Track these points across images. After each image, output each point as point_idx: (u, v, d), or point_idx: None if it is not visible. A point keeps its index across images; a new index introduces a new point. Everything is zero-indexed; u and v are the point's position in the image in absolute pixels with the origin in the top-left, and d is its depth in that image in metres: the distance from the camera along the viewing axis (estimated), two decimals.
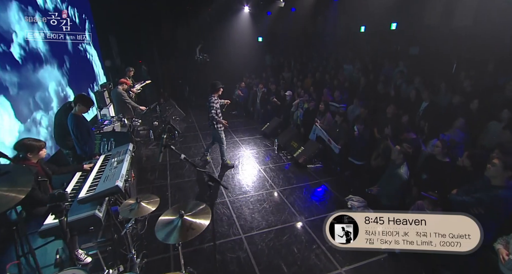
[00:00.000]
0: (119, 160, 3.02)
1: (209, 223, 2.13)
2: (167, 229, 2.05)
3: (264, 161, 5.60)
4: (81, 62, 7.45)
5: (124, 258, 2.87)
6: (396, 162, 3.64)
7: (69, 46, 6.63)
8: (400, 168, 3.57)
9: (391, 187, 3.63)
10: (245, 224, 3.66)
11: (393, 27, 9.02)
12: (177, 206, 2.32)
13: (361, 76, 7.25)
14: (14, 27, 4.13)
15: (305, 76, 9.18)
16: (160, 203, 3.68)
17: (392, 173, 3.63)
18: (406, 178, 3.53)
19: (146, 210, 2.41)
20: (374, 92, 6.76)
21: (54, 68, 5.41)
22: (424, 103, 5.27)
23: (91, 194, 2.38)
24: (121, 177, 2.57)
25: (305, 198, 4.29)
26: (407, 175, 3.55)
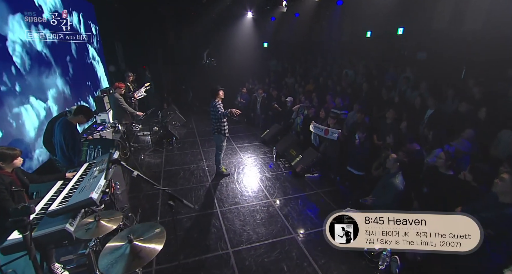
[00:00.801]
0: (100, 169, 2.90)
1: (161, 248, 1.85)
2: (112, 256, 1.73)
3: (261, 169, 5.42)
4: (83, 67, 7.50)
5: None
6: (391, 171, 3.41)
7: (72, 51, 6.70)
8: (395, 177, 3.33)
9: (385, 198, 3.40)
10: (234, 237, 3.47)
11: (400, 32, 8.76)
12: (129, 229, 2.08)
13: (364, 82, 7.04)
14: (15, 32, 4.13)
15: (307, 82, 9.03)
16: (142, 215, 3.54)
17: (387, 182, 3.40)
18: (402, 189, 3.30)
19: (106, 229, 2.16)
20: (377, 99, 6.53)
21: (56, 74, 5.43)
22: (429, 110, 5.02)
23: (63, 206, 2.26)
24: (97, 188, 2.44)
25: (300, 209, 4.08)
26: (402, 185, 3.31)
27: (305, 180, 4.99)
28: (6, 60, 3.95)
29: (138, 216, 3.89)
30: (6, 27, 3.99)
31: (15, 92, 4.10)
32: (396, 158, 3.35)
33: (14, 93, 4.07)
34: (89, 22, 8.90)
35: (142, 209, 4.09)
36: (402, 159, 3.37)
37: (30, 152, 4.17)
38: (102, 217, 2.19)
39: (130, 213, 3.89)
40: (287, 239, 3.44)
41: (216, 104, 4.62)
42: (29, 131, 4.20)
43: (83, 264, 2.95)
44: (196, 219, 3.87)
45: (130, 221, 3.73)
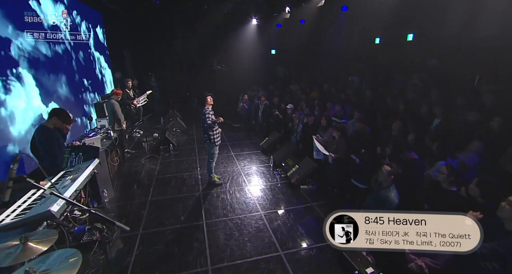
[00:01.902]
0: (73, 177, 2.78)
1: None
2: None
3: (255, 179, 5.20)
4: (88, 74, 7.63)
5: None
6: (383, 185, 3.11)
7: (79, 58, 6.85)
8: (389, 191, 3.04)
9: None
10: (217, 253, 3.25)
11: (410, 38, 8.42)
12: (37, 260, 1.85)
13: (367, 89, 6.75)
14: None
15: (311, 89, 8.81)
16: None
17: (382, 197, 3.10)
18: (397, 203, 3.00)
19: (33, 252, 1.86)
20: (382, 107, 6.23)
21: (60, 80, 5.51)
22: (437, 120, 4.69)
23: (18, 220, 2.11)
24: (59, 201, 2.30)
25: (291, 224, 3.81)
26: (397, 198, 3.01)
27: (300, 191, 4.72)
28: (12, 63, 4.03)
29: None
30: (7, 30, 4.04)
31: (16, 94, 4.18)
32: (390, 171, 3.06)
33: (16, 95, 4.14)
34: (97, 30, 9.12)
35: (127, 218, 3.95)
36: (397, 170, 3.07)
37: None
38: (31, 238, 1.91)
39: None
40: (273, 257, 3.18)
41: (205, 112, 4.45)
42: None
43: None
44: (180, 231, 3.67)
45: (111, 232, 3.59)
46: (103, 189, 4.33)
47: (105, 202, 4.34)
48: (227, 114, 9.83)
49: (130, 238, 3.51)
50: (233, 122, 9.36)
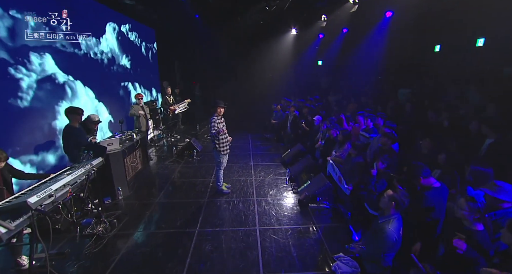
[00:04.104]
0: (70, 172, 3.04)
1: None
2: None
3: (264, 192, 4.96)
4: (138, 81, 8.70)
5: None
6: (385, 213, 2.58)
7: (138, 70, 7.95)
8: (389, 222, 2.50)
9: (375, 248, 2.57)
10: (196, 264, 3.13)
11: (480, 43, 7.12)
12: None
13: (407, 102, 5.94)
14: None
15: (349, 101, 8.19)
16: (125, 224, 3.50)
17: (378, 228, 2.58)
18: (395, 239, 2.44)
19: None
20: (424, 122, 5.41)
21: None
22: (488, 140, 3.84)
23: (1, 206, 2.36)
24: (43, 192, 2.51)
25: (284, 245, 3.47)
26: (397, 234, 2.45)
27: (307, 210, 4.31)
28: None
29: (121, 224, 3.93)
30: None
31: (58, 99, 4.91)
32: (392, 196, 2.53)
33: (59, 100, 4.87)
34: (149, 44, 10.26)
35: (129, 217, 4.14)
36: (401, 198, 2.52)
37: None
38: None
39: (116, 219, 3.97)
40: None
41: (211, 120, 4.43)
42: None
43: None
44: (171, 236, 3.68)
45: (111, 228, 3.81)
46: (118, 187, 4.66)
47: (120, 199, 4.66)
48: (262, 124, 9.84)
49: (124, 236, 3.65)
50: (265, 132, 9.27)
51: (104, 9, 6.87)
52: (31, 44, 4.49)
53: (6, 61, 4.09)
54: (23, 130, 4.33)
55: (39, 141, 4.60)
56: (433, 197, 2.81)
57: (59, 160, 4.89)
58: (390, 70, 9.00)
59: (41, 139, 4.64)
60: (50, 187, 2.63)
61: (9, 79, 4.15)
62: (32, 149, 4.47)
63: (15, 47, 4.22)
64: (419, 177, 2.88)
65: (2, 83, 4.02)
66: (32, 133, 4.50)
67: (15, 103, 4.21)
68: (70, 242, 3.56)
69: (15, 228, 2.28)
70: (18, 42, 4.27)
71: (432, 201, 2.80)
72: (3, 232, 2.29)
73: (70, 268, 3.08)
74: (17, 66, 4.27)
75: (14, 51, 4.20)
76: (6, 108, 4.08)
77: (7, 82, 4.11)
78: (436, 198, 2.81)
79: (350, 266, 2.93)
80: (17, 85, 4.26)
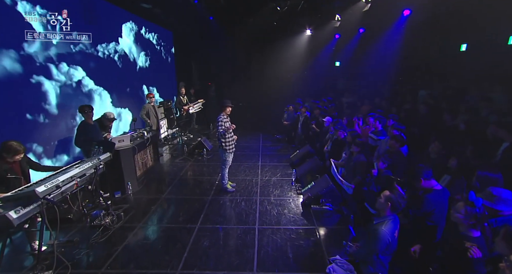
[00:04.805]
0: (78, 166, 3.24)
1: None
2: None
3: (268, 192, 4.97)
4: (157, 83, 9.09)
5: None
6: (381, 214, 2.51)
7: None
8: (383, 224, 2.43)
9: (369, 249, 2.50)
10: (192, 258, 3.22)
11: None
12: None
13: (422, 104, 5.70)
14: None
15: (362, 103, 7.99)
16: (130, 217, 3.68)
17: (372, 228, 2.51)
18: (389, 240, 2.36)
19: None
20: (440, 125, 5.18)
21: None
22: (505, 144, 3.64)
23: (12, 194, 2.57)
24: (51, 183, 2.71)
25: (282, 245, 3.46)
26: (391, 236, 2.37)
27: (310, 211, 4.27)
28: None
29: (127, 217, 4.12)
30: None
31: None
32: (388, 197, 2.46)
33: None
34: (167, 46, 10.66)
35: (136, 210, 4.33)
36: (398, 199, 2.44)
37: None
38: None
39: (123, 212, 4.17)
40: None
41: (218, 119, 4.53)
42: None
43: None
44: (172, 231, 3.80)
45: (118, 220, 4.00)
46: (128, 182, 4.89)
47: (129, 194, 4.88)
48: (274, 125, 9.84)
49: (128, 228, 3.83)
50: (276, 133, 9.26)
51: (123, 13, 7.24)
52: (57, 51, 4.91)
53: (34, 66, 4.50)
54: (47, 128, 4.72)
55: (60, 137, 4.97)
56: (433, 200, 2.69)
57: (76, 154, 5.24)
58: (409, 71, 8.66)
59: (62, 135, 5.01)
60: (58, 178, 2.83)
61: (34, 85, 4.56)
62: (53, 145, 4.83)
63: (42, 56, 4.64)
64: (420, 178, 2.76)
65: (26, 90, 4.40)
66: (55, 131, 4.88)
67: (42, 104, 4.64)
68: (80, 231, 3.79)
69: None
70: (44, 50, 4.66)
71: (433, 204, 2.68)
72: (15, 217, 2.51)
73: (77, 255, 3.28)
74: (46, 72, 4.73)
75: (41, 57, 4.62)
76: (33, 109, 4.50)
77: (31, 88, 4.50)
78: (437, 201, 2.69)
79: (345, 270, 2.88)
80: (41, 90, 4.67)
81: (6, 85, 4.04)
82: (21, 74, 4.28)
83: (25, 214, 2.58)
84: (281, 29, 10.13)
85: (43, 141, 4.61)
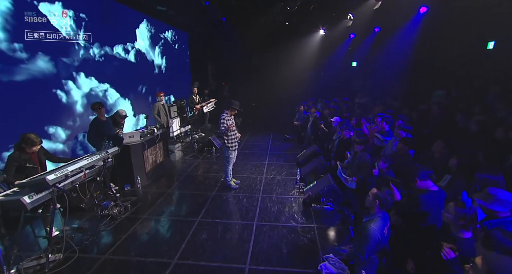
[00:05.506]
0: (87, 158, 3.48)
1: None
2: None
3: (271, 190, 5.01)
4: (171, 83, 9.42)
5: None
6: (370, 212, 2.48)
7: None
8: (372, 221, 2.41)
9: (359, 248, 2.49)
10: (189, 249, 3.34)
11: None
12: None
13: (434, 104, 5.50)
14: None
15: (375, 104, 7.83)
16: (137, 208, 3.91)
17: (361, 228, 2.49)
18: (378, 238, 2.34)
19: None
20: (451, 126, 5.00)
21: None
22: None
23: (26, 181, 2.82)
24: (60, 172, 2.94)
25: (277, 242, 3.50)
26: (380, 233, 2.35)
27: (310, 210, 4.27)
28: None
29: (134, 208, 4.34)
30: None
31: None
32: (376, 194, 2.43)
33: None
34: (184, 46, 10.98)
35: (142, 203, 4.54)
36: (385, 196, 2.41)
37: None
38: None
39: (130, 204, 4.39)
40: (236, 269, 3.02)
41: (221, 117, 4.66)
42: None
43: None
44: (173, 223, 3.97)
45: (125, 211, 4.23)
46: (137, 176, 5.13)
47: (138, 187, 5.12)
48: (286, 124, 9.84)
49: (133, 219, 4.03)
50: (287, 133, 9.26)
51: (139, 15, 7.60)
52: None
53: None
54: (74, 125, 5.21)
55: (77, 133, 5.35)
56: (429, 201, 2.63)
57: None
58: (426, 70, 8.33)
59: (78, 131, 5.39)
60: (67, 168, 3.07)
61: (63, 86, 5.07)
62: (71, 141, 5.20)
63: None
64: (415, 178, 2.71)
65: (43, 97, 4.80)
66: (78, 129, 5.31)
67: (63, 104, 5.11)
68: (90, 220, 4.04)
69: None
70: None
71: (428, 205, 2.62)
72: (28, 202, 2.75)
73: (85, 241, 3.51)
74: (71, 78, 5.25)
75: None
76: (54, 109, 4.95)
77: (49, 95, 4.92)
78: (433, 202, 2.62)
79: (337, 268, 2.87)
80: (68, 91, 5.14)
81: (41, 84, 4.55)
82: (54, 74, 4.85)
83: (37, 199, 2.82)
84: (294, 29, 10.12)
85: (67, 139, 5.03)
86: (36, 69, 4.52)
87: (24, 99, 4.36)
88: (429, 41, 7.98)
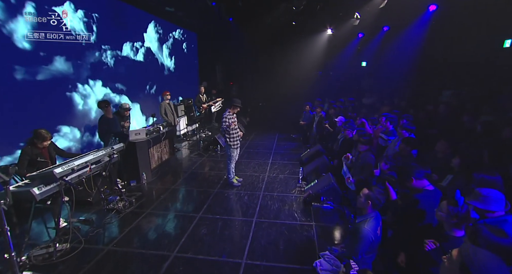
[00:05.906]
0: (93, 153, 3.64)
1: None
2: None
3: (273, 188, 5.06)
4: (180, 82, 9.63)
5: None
6: (362, 213, 2.50)
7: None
8: (365, 222, 2.42)
9: (352, 249, 2.50)
10: (188, 243, 3.43)
11: None
12: None
13: (441, 104, 5.41)
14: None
15: (382, 103, 7.75)
16: (141, 203, 4.04)
17: (354, 228, 2.51)
18: (372, 239, 2.35)
19: None
20: (459, 127, 4.91)
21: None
22: None
23: (36, 174, 2.99)
24: (67, 166, 3.09)
25: (275, 238, 3.55)
26: (374, 234, 2.36)
27: (310, 208, 4.29)
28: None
29: (138, 203, 4.48)
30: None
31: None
32: (367, 195, 2.45)
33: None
34: (193, 46, 11.17)
35: (147, 198, 4.68)
36: (377, 196, 2.42)
37: None
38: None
39: (135, 199, 4.54)
40: (233, 263, 3.10)
41: (224, 115, 4.74)
42: None
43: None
44: (175, 218, 4.09)
45: (129, 205, 4.37)
46: (143, 172, 5.28)
47: (143, 183, 5.28)
48: (292, 124, 9.85)
49: (137, 213, 4.17)
50: (293, 132, 9.27)
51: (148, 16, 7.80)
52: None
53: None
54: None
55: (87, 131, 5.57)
56: (424, 201, 2.62)
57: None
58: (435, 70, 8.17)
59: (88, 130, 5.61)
60: (74, 162, 3.22)
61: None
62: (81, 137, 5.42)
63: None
64: (411, 177, 2.70)
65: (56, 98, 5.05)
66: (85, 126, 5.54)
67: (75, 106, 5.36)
68: (96, 213, 4.21)
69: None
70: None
71: (424, 205, 2.61)
72: (37, 193, 2.92)
73: (90, 232, 3.66)
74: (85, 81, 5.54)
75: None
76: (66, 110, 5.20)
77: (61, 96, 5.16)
78: (428, 201, 2.61)
79: (331, 264, 2.89)
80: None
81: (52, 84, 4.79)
82: (71, 74, 5.16)
83: (46, 191, 2.99)
84: (301, 29, 10.12)
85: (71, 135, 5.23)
86: (54, 69, 4.77)
87: (36, 99, 4.58)
88: (438, 40, 7.81)
